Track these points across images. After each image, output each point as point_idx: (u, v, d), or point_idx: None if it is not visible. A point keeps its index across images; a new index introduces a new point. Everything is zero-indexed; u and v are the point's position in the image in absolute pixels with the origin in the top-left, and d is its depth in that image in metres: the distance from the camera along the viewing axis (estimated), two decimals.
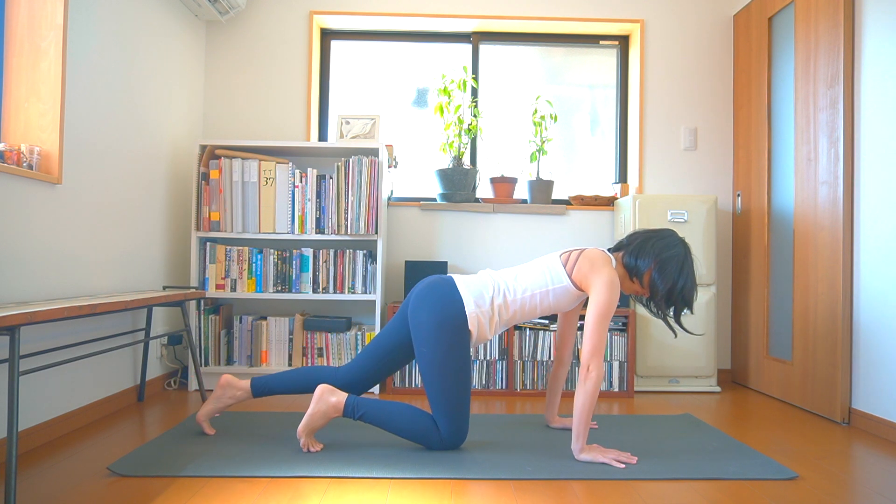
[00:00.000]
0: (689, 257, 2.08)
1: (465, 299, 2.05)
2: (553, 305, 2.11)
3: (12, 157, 2.02)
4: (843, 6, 2.57)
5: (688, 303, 2.08)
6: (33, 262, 2.08)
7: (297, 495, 1.67)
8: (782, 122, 3.05)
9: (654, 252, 2.06)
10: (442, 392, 2.01)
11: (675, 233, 2.13)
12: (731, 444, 2.17)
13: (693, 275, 2.07)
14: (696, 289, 2.09)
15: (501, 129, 3.68)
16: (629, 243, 2.14)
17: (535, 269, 2.12)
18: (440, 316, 2.02)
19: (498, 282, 2.10)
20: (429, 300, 2.06)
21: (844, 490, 1.78)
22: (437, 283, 2.10)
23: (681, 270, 2.05)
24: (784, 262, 3.00)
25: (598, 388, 1.94)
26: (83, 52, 2.33)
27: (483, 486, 1.78)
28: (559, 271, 2.08)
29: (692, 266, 2.08)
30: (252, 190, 3.02)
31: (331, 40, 3.66)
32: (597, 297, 1.99)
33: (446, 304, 2.04)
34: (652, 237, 2.10)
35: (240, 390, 2.18)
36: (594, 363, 1.94)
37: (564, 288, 2.08)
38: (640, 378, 3.12)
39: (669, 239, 2.09)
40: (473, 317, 2.03)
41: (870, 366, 2.45)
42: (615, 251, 2.18)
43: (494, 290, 2.08)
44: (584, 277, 2.05)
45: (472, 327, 2.04)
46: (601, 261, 2.06)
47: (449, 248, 3.45)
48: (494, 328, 2.10)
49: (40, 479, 1.77)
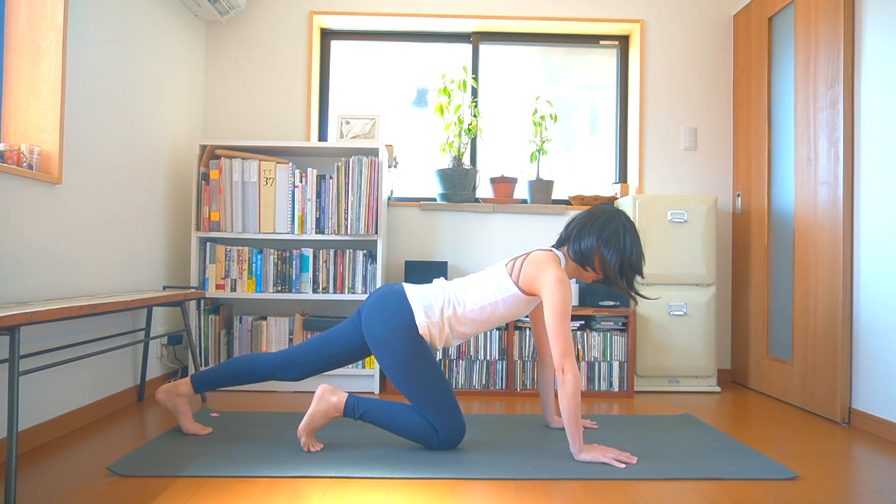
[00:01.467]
0: (628, 223, 2.08)
1: (414, 309, 2.05)
2: (506, 314, 2.11)
3: (12, 157, 2.02)
4: (843, 6, 2.57)
5: (637, 268, 2.08)
6: (33, 262, 2.08)
7: (297, 495, 1.67)
8: (782, 122, 3.05)
9: (595, 231, 2.06)
10: (420, 397, 2.02)
11: (609, 206, 2.13)
12: (731, 444, 2.17)
13: (637, 240, 2.07)
14: (643, 254, 2.09)
15: (501, 129, 3.68)
16: (568, 234, 2.13)
17: (482, 281, 2.11)
18: (393, 325, 2.03)
19: (448, 293, 2.10)
20: (381, 312, 2.07)
21: (844, 490, 1.78)
22: (388, 294, 2.11)
23: (625, 241, 2.05)
24: (784, 262, 3.00)
25: (577, 388, 1.93)
26: (83, 52, 2.33)
27: (483, 486, 1.78)
28: (505, 280, 2.08)
29: (634, 231, 2.08)
30: (252, 190, 3.02)
31: (331, 40, 3.66)
32: (549, 298, 1.97)
33: (397, 314, 2.04)
34: (588, 220, 2.10)
35: (181, 386, 2.19)
36: (567, 364, 1.93)
37: (514, 296, 2.07)
38: (640, 378, 3.12)
39: (604, 215, 2.09)
40: (424, 326, 2.04)
41: (870, 366, 2.45)
42: (560, 246, 2.17)
43: (445, 301, 2.08)
44: (531, 282, 2.05)
45: (423, 334, 2.05)
46: (545, 261, 2.04)
47: (449, 248, 3.45)
48: (446, 339, 2.10)
49: (40, 479, 1.77)
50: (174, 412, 2.20)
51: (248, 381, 2.19)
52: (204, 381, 2.18)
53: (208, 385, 2.18)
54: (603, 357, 3.03)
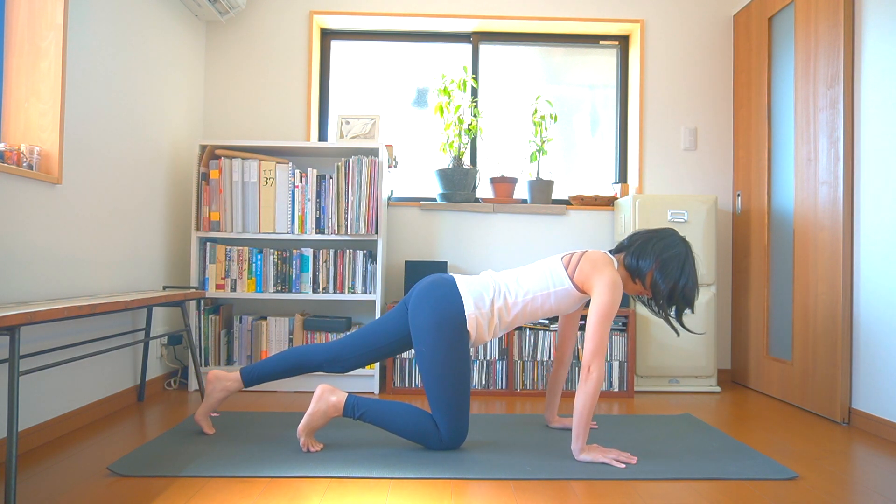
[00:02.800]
0: (690, 256, 2.08)
1: (464, 300, 2.05)
2: (555, 308, 2.11)
3: (12, 157, 2.02)
4: (843, 6, 2.57)
5: (689, 302, 2.08)
6: (33, 262, 2.08)
7: (297, 495, 1.67)
8: (782, 122, 3.05)
9: (656, 252, 2.06)
10: (441, 392, 2.01)
11: (675, 232, 2.13)
12: (731, 444, 2.17)
13: (695, 273, 2.08)
14: (698, 288, 2.09)
15: (501, 129, 3.68)
16: (630, 244, 2.14)
17: (536, 272, 2.11)
18: (440, 316, 2.02)
19: (499, 283, 2.10)
20: (429, 300, 2.06)
21: (844, 490, 1.78)
22: (438, 282, 2.10)
23: (682, 269, 2.05)
24: (784, 262, 3.00)
25: (598, 389, 1.94)
26: (83, 52, 2.33)
27: (483, 486, 1.78)
28: (560, 273, 2.08)
29: (693, 265, 2.08)
30: (252, 190, 3.02)
31: (331, 40, 3.66)
32: (599, 298, 1.99)
33: (446, 304, 2.04)
34: (653, 237, 2.10)
35: (229, 380, 2.19)
36: (595, 364, 1.94)
37: (566, 290, 2.07)
38: (640, 378, 3.12)
39: (670, 239, 2.09)
40: (472, 318, 2.04)
41: (870, 366, 2.45)
42: (616, 252, 2.18)
43: (495, 291, 2.08)
44: (585, 279, 2.05)
45: (470, 328, 2.04)
46: (603, 262, 2.05)
47: (449, 248, 3.45)
48: (493, 330, 2.09)
49: (40, 479, 1.77)
50: (206, 396, 2.20)
51: (296, 375, 2.20)
52: (253, 375, 2.19)
53: (257, 380, 2.19)
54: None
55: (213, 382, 2.19)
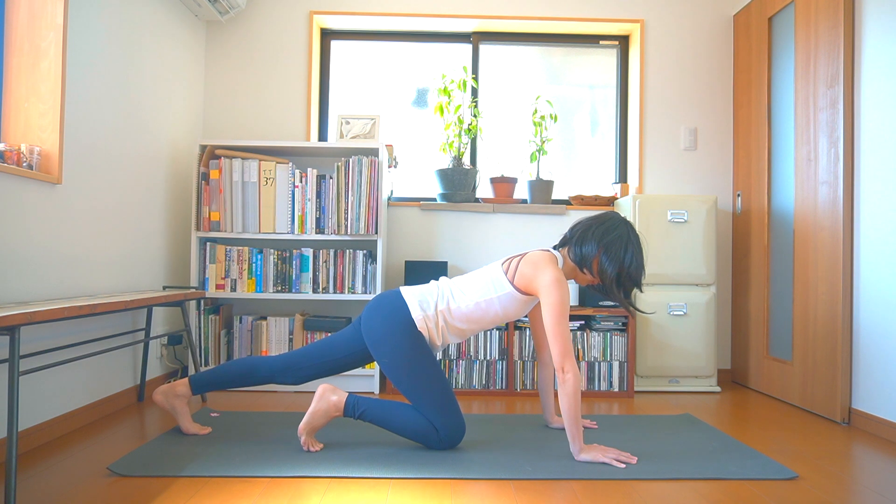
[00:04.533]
0: (632, 235, 2.07)
1: (409, 304, 2.08)
2: (502, 314, 2.11)
3: (12, 157, 2.02)
4: (843, 6, 2.57)
5: (636, 281, 2.07)
6: (33, 262, 2.08)
7: (297, 495, 1.67)
8: (782, 122, 3.05)
9: (597, 237, 2.06)
10: (420, 395, 2.02)
11: (615, 214, 2.13)
12: (731, 444, 2.17)
13: (640, 252, 2.07)
14: (644, 267, 2.08)
15: (501, 129, 3.68)
16: (572, 235, 2.13)
17: (478, 279, 2.12)
18: (390, 323, 2.05)
19: (443, 289, 2.13)
20: (378, 311, 2.09)
21: (844, 490, 1.78)
22: (384, 295, 2.15)
23: (626, 250, 2.04)
24: (784, 262, 3.00)
25: (577, 387, 1.93)
26: (83, 52, 2.33)
27: (483, 486, 1.78)
28: (500, 279, 2.08)
29: (638, 243, 2.07)
30: (252, 190, 3.02)
31: (331, 40, 3.66)
32: (547, 298, 1.97)
33: (394, 311, 2.07)
34: (592, 224, 2.10)
35: (178, 386, 2.18)
36: (568, 364, 1.93)
37: (509, 294, 2.07)
38: (640, 378, 3.12)
39: (610, 222, 2.09)
40: (420, 320, 2.06)
41: (870, 366, 2.45)
42: (561, 247, 2.17)
43: (438, 296, 2.10)
44: (528, 282, 2.04)
45: (421, 329, 2.06)
46: (542, 261, 2.04)
47: (449, 248, 3.45)
48: (442, 334, 2.10)
49: (40, 479, 1.77)
50: (172, 413, 2.20)
51: (246, 384, 2.19)
52: (202, 382, 2.18)
53: (206, 386, 2.18)
54: (603, 357, 3.03)
55: (163, 399, 2.17)
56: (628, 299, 2.11)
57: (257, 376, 2.17)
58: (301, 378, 2.18)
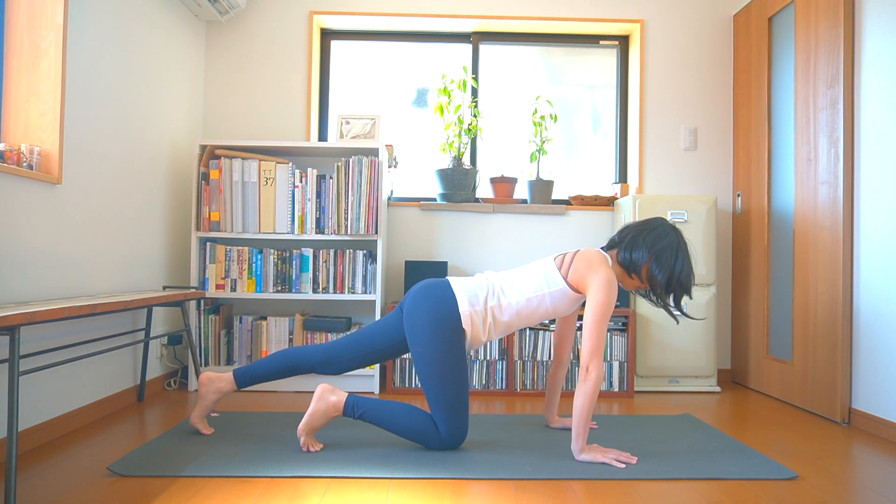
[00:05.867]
0: (682, 243, 2.08)
1: (458, 298, 2.05)
2: (551, 310, 2.10)
3: (12, 157, 2.02)
4: (843, 6, 2.57)
5: (686, 289, 2.07)
6: (33, 262, 2.08)
7: (297, 495, 1.67)
8: (782, 122, 3.05)
9: (648, 244, 2.06)
10: (440, 392, 2.01)
11: (665, 221, 2.12)
12: (731, 444, 2.17)
13: (689, 259, 2.07)
14: (693, 274, 2.08)
15: (501, 129, 3.68)
16: (621, 240, 2.13)
17: (530, 273, 2.11)
18: (436, 315, 2.02)
19: (493, 284, 2.10)
20: (425, 300, 2.06)
21: (844, 490, 1.78)
22: (432, 284, 2.11)
23: (676, 257, 2.04)
24: (784, 262, 3.00)
25: (597, 388, 1.93)
26: (83, 52, 2.33)
27: (483, 486, 1.78)
28: (554, 274, 2.08)
29: (687, 251, 2.08)
30: (252, 190, 3.02)
31: (331, 40, 3.66)
32: (594, 297, 1.98)
33: (441, 303, 2.04)
34: (643, 230, 2.09)
35: (222, 382, 2.18)
36: (594, 364, 1.93)
37: (561, 291, 2.07)
38: (640, 378, 3.12)
39: (661, 229, 2.09)
40: (467, 315, 2.04)
41: (870, 366, 2.45)
42: (608, 249, 2.17)
43: (489, 291, 2.08)
44: (580, 278, 2.04)
45: (465, 326, 2.04)
46: (597, 260, 2.05)
47: (449, 248, 3.45)
48: (489, 330, 2.08)
49: (40, 479, 1.77)
50: (200, 399, 2.19)
51: (288, 376, 2.20)
52: (246, 377, 2.18)
53: (250, 381, 2.18)
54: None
55: (205, 385, 2.18)
56: (677, 305, 2.11)
57: (299, 369, 2.18)
58: (342, 369, 2.17)
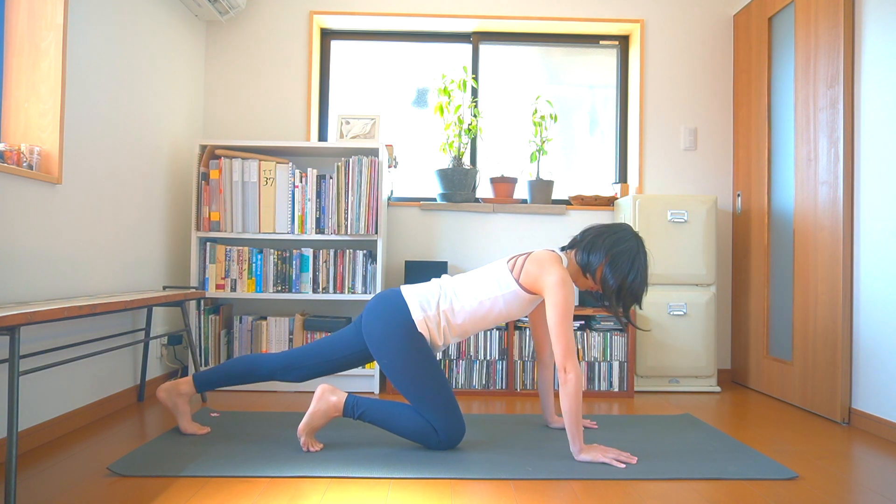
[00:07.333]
0: (641, 251, 2.07)
1: (410, 305, 2.06)
2: (505, 312, 2.10)
3: (12, 157, 2.02)
4: (843, 6, 2.57)
5: (636, 297, 2.07)
6: (33, 262, 2.08)
7: (297, 495, 1.67)
8: (782, 122, 3.05)
9: (606, 247, 2.06)
10: (419, 396, 2.02)
11: (629, 227, 2.13)
12: (731, 444, 2.17)
13: (645, 269, 2.07)
14: (647, 284, 2.08)
15: (501, 129, 3.68)
16: (582, 239, 2.13)
17: (482, 276, 2.11)
18: (390, 325, 2.04)
19: (445, 288, 2.12)
20: (379, 312, 2.08)
21: (844, 490, 1.78)
22: (385, 295, 2.13)
23: (632, 264, 2.04)
24: (784, 262, 3.00)
25: (579, 387, 1.93)
26: (83, 52, 2.33)
27: (483, 485, 1.78)
28: (506, 277, 2.08)
29: (645, 261, 2.07)
30: (252, 190, 3.02)
31: (331, 40, 3.66)
32: (552, 298, 1.98)
33: (394, 312, 2.06)
34: (605, 232, 2.10)
35: (181, 384, 2.19)
36: (569, 364, 1.93)
37: (514, 293, 2.07)
38: (640, 378, 3.12)
39: (622, 233, 2.09)
40: (421, 321, 2.05)
41: (870, 366, 2.45)
42: (569, 248, 2.17)
43: (441, 296, 2.09)
44: (533, 281, 2.04)
45: (422, 331, 2.05)
46: (548, 261, 2.04)
47: (449, 248, 3.45)
48: (444, 333, 2.09)
49: (40, 479, 1.77)
50: (173, 411, 2.20)
51: (248, 382, 2.20)
52: (205, 380, 2.19)
53: (209, 385, 2.19)
54: (603, 357, 3.03)
55: (166, 397, 2.17)
56: (626, 314, 2.11)
57: (258, 374, 2.18)
58: (302, 376, 2.18)
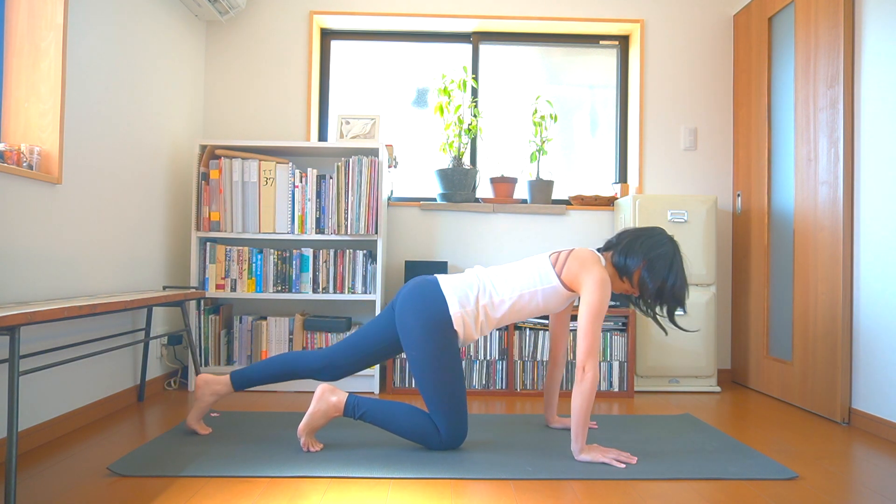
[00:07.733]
0: (677, 255, 2.08)
1: (448, 300, 2.04)
2: (543, 306, 2.10)
3: (12, 157, 2.02)
4: (843, 6, 2.57)
5: (679, 301, 2.07)
6: (33, 262, 2.08)
7: (297, 495, 1.67)
8: (782, 122, 3.05)
9: (643, 250, 2.06)
10: (435, 393, 2.01)
11: (664, 231, 2.12)
12: (731, 444, 2.17)
13: (683, 273, 2.07)
14: (687, 287, 2.08)
15: (501, 129, 3.68)
16: (618, 242, 2.13)
17: (523, 270, 2.11)
18: (425, 318, 2.02)
19: (484, 281, 2.10)
20: (414, 302, 2.06)
21: (844, 490, 1.78)
22: (421, 284, 2.10)
23: (670, 268, 2.04)
24: (784, 262, 3.00)
25: (594, 388, 1.93)
26: (83, 52, 2.33)
27: (483, 486, 1.78)
28: (548, 271, 2.08)
29: (682, 264, 2.07)
30: (252, 190, 3.02)
31: (331, 40, 3.66)
32: (588, 296, 1.98)
33: (431, 305, 2.04)
34: (641, 235, 2.10)
35: (219, 384, 2.18)
36: (589, 364, 1.93)
37: (554, 288, 2.07)
38: (640, 378, 3.12)
39: (658, 237, 2.09)
40: (458, 317, 2.03)
41: (870, 366, 2.45)
42: (604, 250, 2.17)
43: (480, 289, 2.08)
44: (574, 277, 2.04)
45: (457, 327, 2.04)
46: (591, 260, 2.05)
47: (449, 248, 3.45)
48: (480, 328, 2.09)
49: (40, 479, 1.77)
50: (196, 401, 2.19)
51: (286, 380, 2.20)
52: (242, 379, 2.18)
53: (247, 383, 2.18)
54: (603, 357, 3.03)
55: (202, 387, 2.18)
56: (670, 317, 2.12)
57: (298, 374, 2.17)
58: (342, 374, 2.17)
